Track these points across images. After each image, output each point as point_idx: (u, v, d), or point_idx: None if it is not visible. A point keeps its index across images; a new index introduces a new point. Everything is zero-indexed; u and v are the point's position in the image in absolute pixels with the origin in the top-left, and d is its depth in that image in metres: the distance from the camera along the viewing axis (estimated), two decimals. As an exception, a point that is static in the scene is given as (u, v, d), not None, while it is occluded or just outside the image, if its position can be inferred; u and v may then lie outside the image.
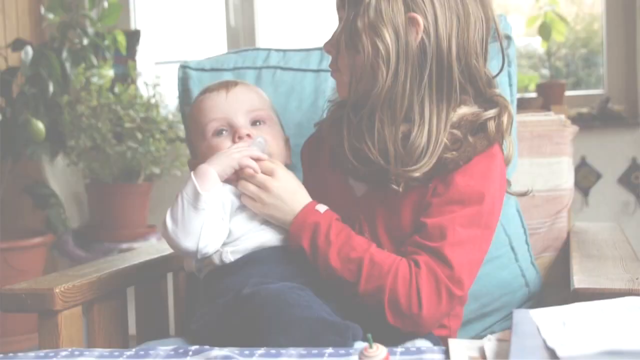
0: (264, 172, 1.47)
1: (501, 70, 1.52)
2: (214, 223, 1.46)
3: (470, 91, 1.43)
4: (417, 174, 1.37)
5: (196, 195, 1.44)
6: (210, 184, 1.45)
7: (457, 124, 1.41)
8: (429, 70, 1.38)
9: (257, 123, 1.58)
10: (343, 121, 1.47)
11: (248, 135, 1.54)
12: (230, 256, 1.47)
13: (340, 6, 1.44)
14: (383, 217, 1.46)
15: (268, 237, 1.48)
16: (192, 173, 1.47)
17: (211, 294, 1.47)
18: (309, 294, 1.33)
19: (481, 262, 1.43)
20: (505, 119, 1.44)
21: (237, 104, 1.58)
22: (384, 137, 1.39)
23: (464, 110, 1.42)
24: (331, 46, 1.47)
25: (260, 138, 1.54)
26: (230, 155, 1.48)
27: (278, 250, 1.47)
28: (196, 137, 1.60)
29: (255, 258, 1.46)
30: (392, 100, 1.38)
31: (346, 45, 1.41)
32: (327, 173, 1.56)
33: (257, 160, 1.49)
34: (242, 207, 1.51)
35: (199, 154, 1.59)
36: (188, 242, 1.45)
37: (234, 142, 1.53)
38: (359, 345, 1.26)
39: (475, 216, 1.38)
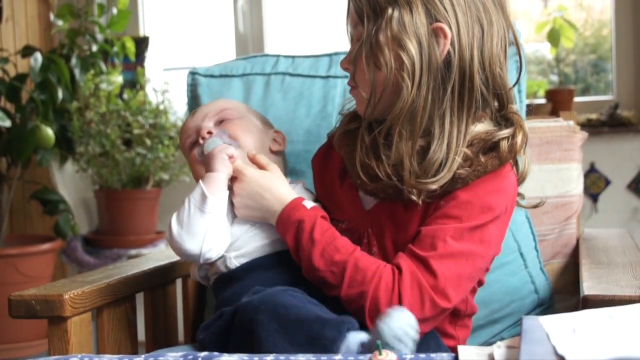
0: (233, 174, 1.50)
1: (518, 79, 1.50)
2: (218, 228, 1.47)
3: (492, 104, 1.42)
4: (434, 187, 1.35)
5: (203, 198, 1.46)
6: (219, 189, 1.47)
7: (470, 142, 1.38)
8: (452, 82, 1.36)
9: (222, 122, 1.62)
10: (356, 136, 1.46)
11: (209, 133, 1.58)
12: (234, 261, 1.48)
13: (358, 22, 1.41)
14: (391, 232, 1.44)
15: (270, 235, 1.49)
16: (200, 180, 1.49)
17: (220, 301, 1.48)
18: (303, 294, 1.32)
19: (474, 278, 1.39)
20: (519, 139, 1.41)
21: (202, 114, 1.65)
22: (400, 152, 1.37)
23: (478, 128, 1.41)
24: (349, 63, 1.44)
25: (218, 131, 1.57)
26: (219, 155, 1.51)
27: (284, 255, 1.47)
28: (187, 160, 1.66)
29: (261, 264, 1.47)
30: (413, 114, 1.35)
31: (367, 61, 1.39)
32: (336, 184, 1.55)
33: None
34: None
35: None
36: (192, 245, 1.45)
37: (198, 144, 1.58)
38: (354, 336, 1.24)
39: (469, 230, 1.35)
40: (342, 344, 1.22)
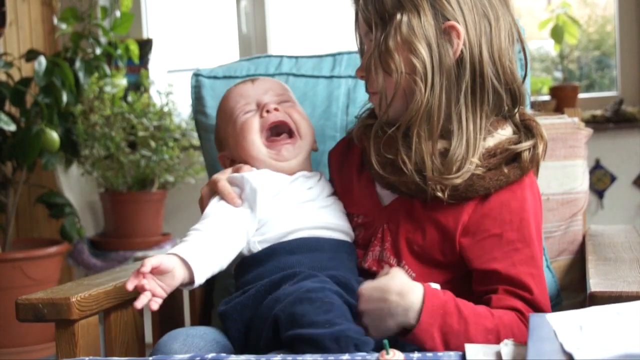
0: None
1: (525, 75, 1.51)
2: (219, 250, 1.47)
3: (505, 98, 1.42)
4: (459, 181, 1.37)
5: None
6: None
7: (493, 152, 1.41)
8: (465, 79, 1.38)
9: (284, 103, 1.62)
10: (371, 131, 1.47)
11: (276, 109, 1.58)
12: (258, 246, 1.50)
13: (368, 31, 1.44)
14: (406, 230, 1.45)
15: (296, 223, 1.49)
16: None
17: (241, 283, 1.49)
18: (328, 295, 1.29)
19: None
20: (540, 149, 1.45)
21: (264, 88, 1.65)
22: (420, 152, 1.39)
23: (501, 134, 1.43)
24: (362, 71, 1.47)
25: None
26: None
27: (306, 241, 1.48)
28: (225, 124, 1.63)
29: (283, 248, 1.48)
30: (430, 114, 1.37)
31: (375, 68, 1.41)
32: (354, 177, 1.56)
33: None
34: (275, 192, 1.53)
35: (228, 141, 1.62)
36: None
37: (261, 116, 1.58)
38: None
39: (533, 254, 1.41)
40: None
